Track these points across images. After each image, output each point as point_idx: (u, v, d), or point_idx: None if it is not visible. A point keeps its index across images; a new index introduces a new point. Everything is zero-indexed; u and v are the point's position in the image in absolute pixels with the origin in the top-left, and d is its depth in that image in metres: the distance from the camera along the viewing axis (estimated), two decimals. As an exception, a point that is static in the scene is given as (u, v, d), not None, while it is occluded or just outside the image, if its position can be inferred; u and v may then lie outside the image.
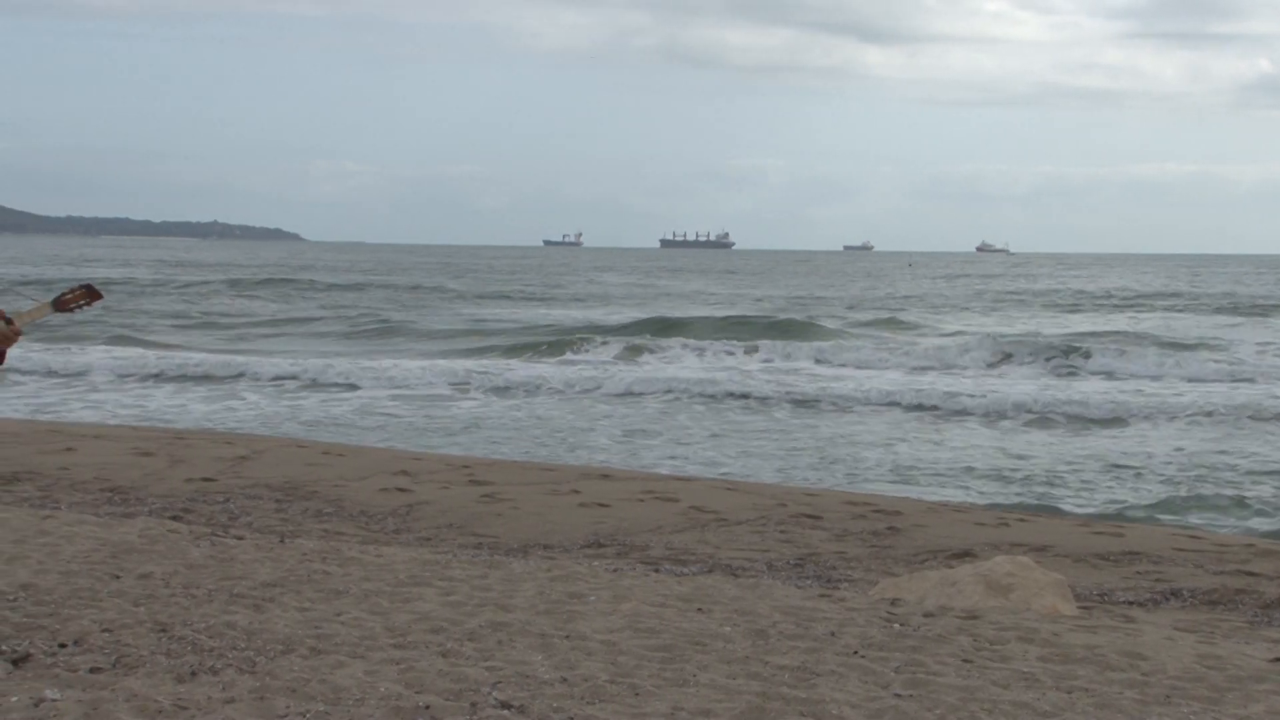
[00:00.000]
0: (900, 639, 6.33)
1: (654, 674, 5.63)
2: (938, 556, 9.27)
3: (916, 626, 6.59)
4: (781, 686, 5.50)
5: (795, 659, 5.92)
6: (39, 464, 11.79)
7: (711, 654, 5.97)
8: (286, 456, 12.86)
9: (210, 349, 30.46)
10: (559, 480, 11.98)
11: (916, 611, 6.95)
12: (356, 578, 7.32)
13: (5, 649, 5.65)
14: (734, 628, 6.48)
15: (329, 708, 5.04)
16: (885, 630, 6.50)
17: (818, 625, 6.56)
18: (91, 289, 5.95)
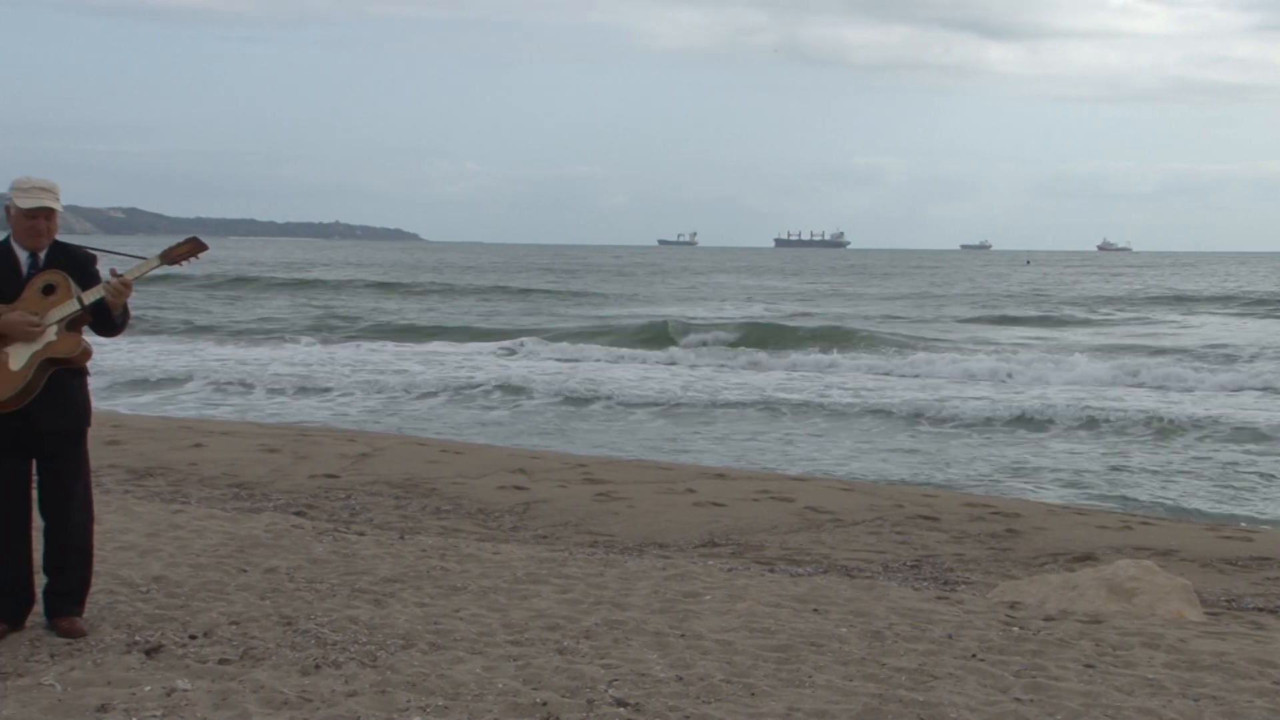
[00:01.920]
0: (1020, 643, 6.25)
1: (769, 674, 5.63)
2: (1058, 560, 9.11)
3: (1036, 630, 6.49)
4: (899, 689, 5.46)
5: (912, 661, 5.88)
6: (171, 460, 12.13)
7: (827, 655, 5.95)
8: (406, 454, 13.06)
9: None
10: (674, 479, 12.00)
11: (1036, 615, 6.85)
12: (474, 574, 7.42)
13: (139, 640, 5.84)
14: (850, 629, 6.44)
15: (448, 702, 5.12)
16: (1004, 634, 6.41)
17: (935, 628, 6.50)
18: (197, 241, 6.13)
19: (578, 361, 27.50)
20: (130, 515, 8.84)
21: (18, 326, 5.71)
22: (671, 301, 52.42)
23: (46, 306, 5.78)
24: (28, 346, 5.73)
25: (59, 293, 5.81)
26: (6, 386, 5.69)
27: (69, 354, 5.78)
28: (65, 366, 5.82)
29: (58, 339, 5.76)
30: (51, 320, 5.76)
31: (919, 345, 30.57)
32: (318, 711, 4.97)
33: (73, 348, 5.79)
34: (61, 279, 5.83)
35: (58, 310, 5.77)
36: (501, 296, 54.14)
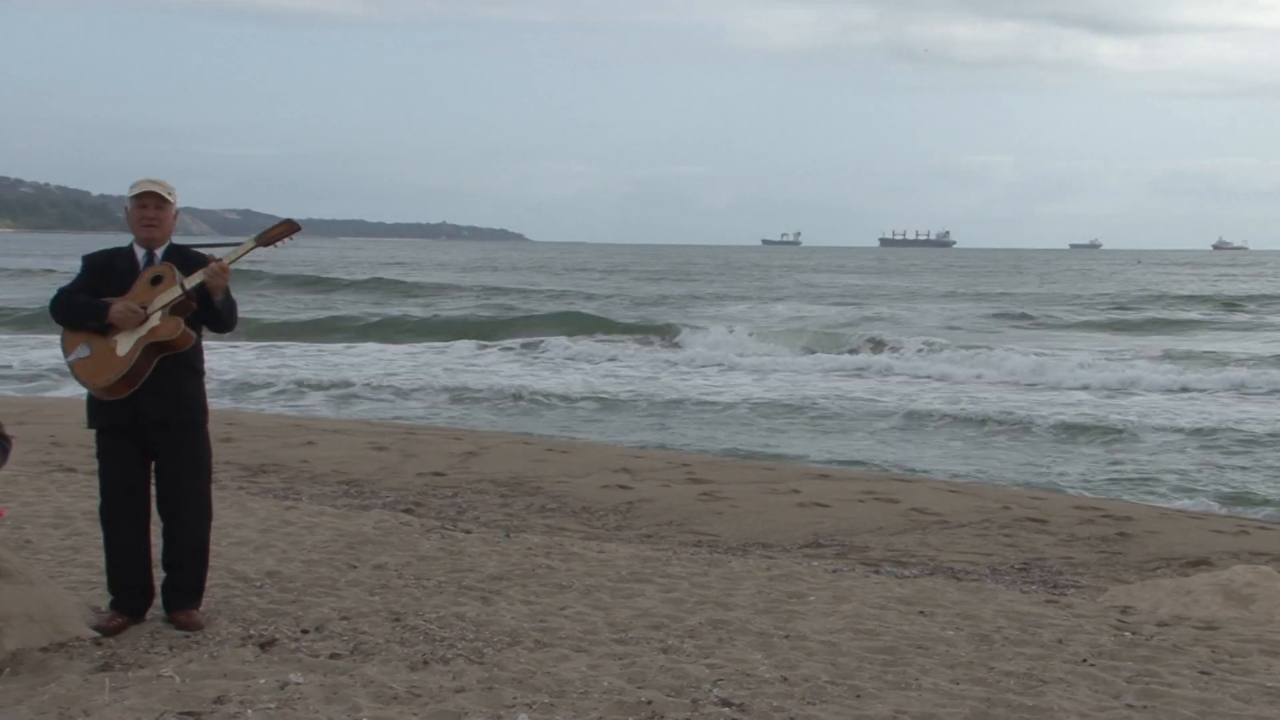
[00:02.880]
0: (1132, 648, 6.13)
1: (875, 676, 5.59)
2: (1171, 564, 8.93)
3: (1149, 636, 6.37)
4: (1007, 693, 5.40)
5: (1021, 665, 5.80)
6: (283, 457, 12.37)
7: (934, 658, 5.90)
8: (512, 453, 13.18)
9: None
10: (778, 479, 11.97)
11: (1149, 620, 6.72)
12: (579, 573, 7.47)
13: (254, 633, 5.96)
14: (957, 632, 6.38)
15: (554, 700, 5.16)
16: (1116, 639, 6.30)
17: (1044, 632, 6.41)
18: (291, 222, 6.26)
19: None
20: (244, 511, 9.04)
21: (123, 314, 5.90)
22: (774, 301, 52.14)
23: (153, 296, 5.96)
24: (133, 332, 5.91)
25: (165, 282, 5.99)
26: (111, 371, 5.88)
27: (170, 336, 5.94)
28: (169, 351, 5.97)
29: (161, 323, 5.93)
30: (155, 307, 5.94)
31: (1035, 349, 29.76)
32: (426, 706, 5.04)
33: (173, 330, 5.95)
34: (168, 269, 6.01)
35: (162, 298, 5.95)
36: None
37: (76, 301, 6.02)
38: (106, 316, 5.91)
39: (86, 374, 5.96)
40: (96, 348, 5.94)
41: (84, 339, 5.97)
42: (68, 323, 6.03)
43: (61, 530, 8.31)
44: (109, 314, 5.91)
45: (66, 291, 6.09)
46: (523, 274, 75.32)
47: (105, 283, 6.04)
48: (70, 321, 6.02)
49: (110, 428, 6.05)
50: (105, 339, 5.93)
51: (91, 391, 5.99)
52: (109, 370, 5.90)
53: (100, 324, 5.93)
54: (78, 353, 5.96)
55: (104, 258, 6.16)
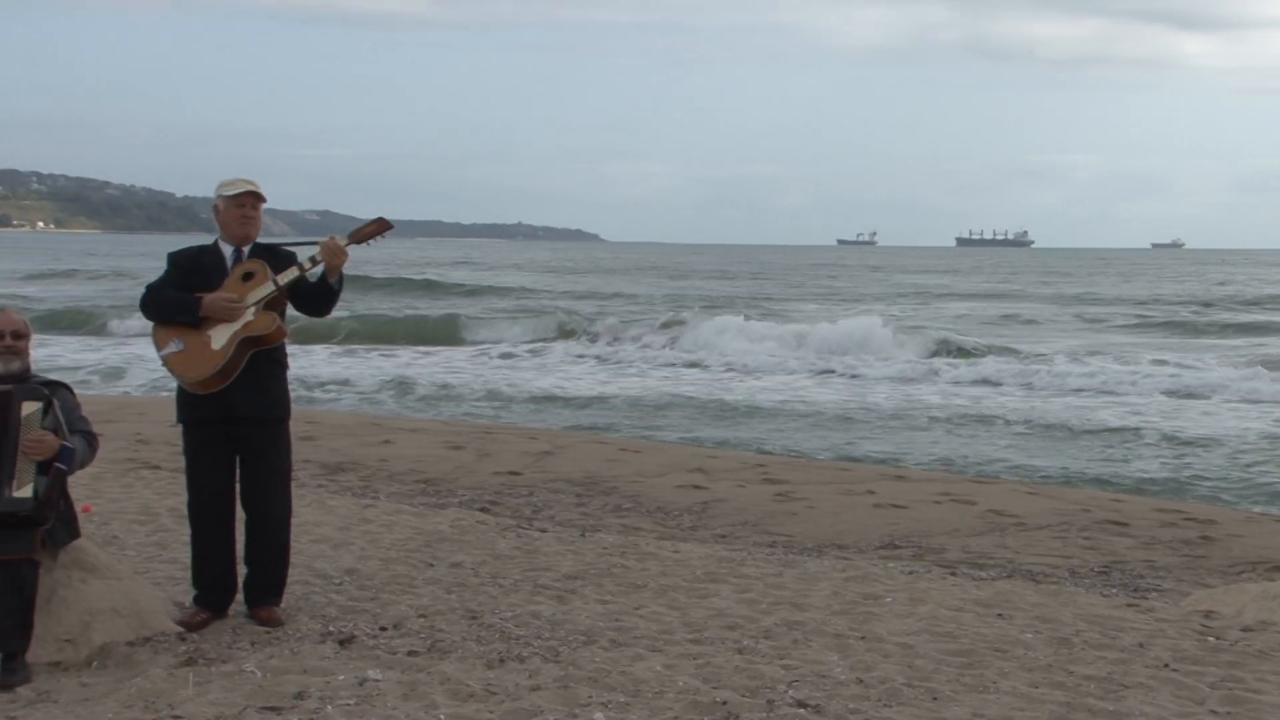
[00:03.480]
0: (1216, 653, 6.04)
1: (952, 679, 5.55)
2: (1257, 568, 8.76)
3: (1234, 641, 6.26)
4: (1087, 697, 5.33)
5: (1101, 669, 5.73)
6: (362, 456, 12.50)
7: (1012, 661, 5.84)
8: (587, 452, 13.22)
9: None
10: (854, 480, 11.91)
11: (1233, 625, 6.61)
12: (654, 573, 7.49)
13: (333, 630, 6.04)
14: (1036, 635, 6.31)
15: (629, 699, 5.18)
16: (1199, 644, 6.20)
17: (1125, 636, 6.32)
18: (383, 220, 6.35)
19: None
20: (324, 509, 9.15)
21: (218, 305, 6.01)
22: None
23: (245, 291, 6.06)
24: (228, 327, 6.01)
25: (257, 278, 6.09)
26: (207, 365, 5.99)
27: (265, 331, 6.04)
28: (263, 346, 6.07)
29: (255, 318, 6.03)
30: (249, 302, 6.04)
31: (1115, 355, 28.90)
32: (502, 704, 5.08)
33: (268, 325, 6.05)
34: (259, 266, 6.11)
35: (255, 293, 6.05)
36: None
37: (167, 296, 6.12)
38: (199, 310, 6.01)
39: (181, 368, 6.04)
40: (190, 342, 6.04)
41: (176, 334, 6.07)
42: (159, 317, 6.12)
43: (147, 526, 8.47)
44: (202, 305, 6.01)
45: (155, 287, 6.20)
46: (604, 276, 75.38)
47: (192, 280, 6.14)
48: (162, 316, 6.11)
49: (199, 423, 6.15)
50: (199, 334, 6.03)
51: (185, 385, 6.08)
52: (204, 364, 5.99)
53: (193, 318, 6.02)
54: (171, 347, 6.06)
55: (190, 255, 6.27)
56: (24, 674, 5.30)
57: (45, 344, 27.52)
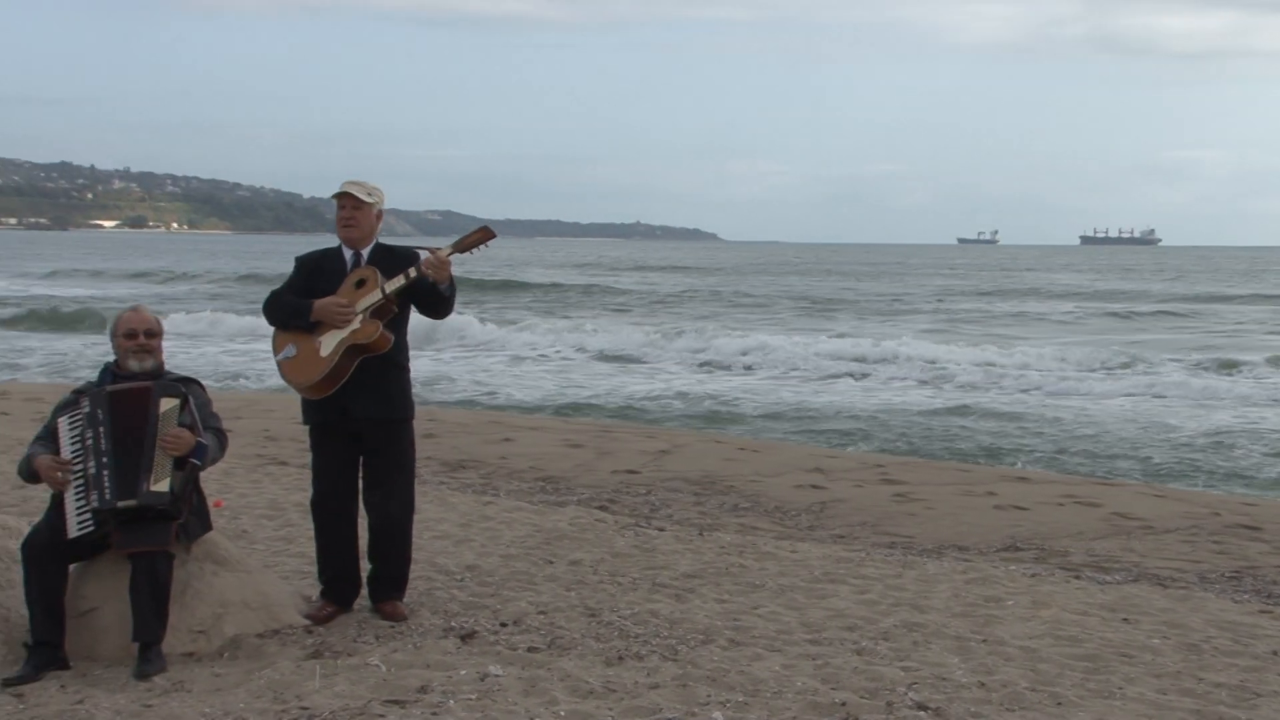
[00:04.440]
0: (1353, 663, 5.85)
1: (1077, 684, 5.46)
2: (1398, 575, 8.46)
3: (1372, 650, 6.07)
4: (1218, 705, 5.21)
5: (1233, 677, 5.59)
6: (482, 453, 12.65)
7: (1139, 666, 5.73)
8: (704, 451, 13.22)
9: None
10: (975, 481, 11.75)
11: (1372, 634, 6.40)
12: (773, 572, 7.47)
13: (455, 625, 6.14)
14: (1163, 640, 6.18)
15: (748, 698, 5.18)
16: (1336, 653, 6.02)
17: (1258, 643, 6.16)
18: (487, 229, 6.43)
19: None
20: (445, 506, 9.29)
21: (328, 311, 6.14)
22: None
23: (357, 298, 6.18)
24: (336, 334, 6.15)
25: (368, 285, 6.21)
26: (314, 372, 6.14)
27: (369, 339, 6.17)
28: (369, 353, 6.19)
29: (361, 326, 6.15)
30: (359, 309, 6.16)
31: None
32: (621, 702, 5.11)
33: (372, 333, 6.17)
34: (371, 273, 6.23)
35: (364, 300, 6.17)
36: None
37: (284, 302, 6.30)
38: (311, 315, 6.16)
39: (292, 373, 6.22)
40: (302, 348, 6.20)
41: (291, 339, 6.24)
42: (276, 322, 6.31)
43: (275, 521, 8.68)
44: (314, 310, 6.15)
45: (277, 293, 6.38)
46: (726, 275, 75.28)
47: (315, 283, 6.29)
48: (278, 321, 6.30)
49: (322, 423, 6.30)
50: (311, 340, 6.18)
51: (296, 390, 6.26)
52: (313, 370, 6.15)
53: (305, 322, 6.18)
54: (285, 353, 6.24)
55: (314, 259, 6.43)
56: (160, 664, 5.47)
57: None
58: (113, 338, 5.95)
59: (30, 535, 5.71)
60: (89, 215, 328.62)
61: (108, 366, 5.96)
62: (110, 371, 5.92)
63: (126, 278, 63.85)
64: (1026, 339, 32.50)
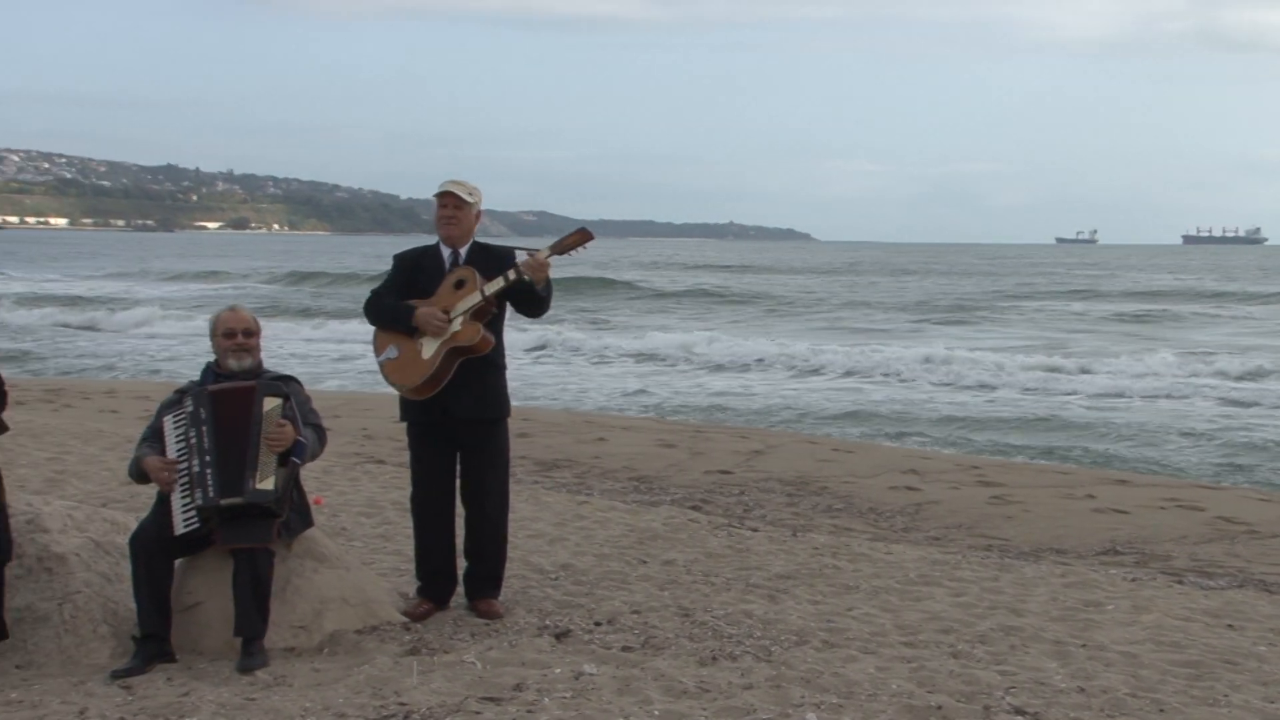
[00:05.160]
0: None
1: (1180, 691, 5.36)
2: None
3: None
4: (1325, 715, 5.09)
5: (1341, 686, 5.45)
6: (576, 452, 12.72)
7: (1245, 674, 5.61)
8: (798, 451, 13.18)
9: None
10: (1073, 484, 11.57)
11: None
12: (866, 574, 7.43)
13: (549, 624, 6.18)
14: (1270, 648, 6.05)
15: (842, 700, 5.16)
16: None
17: (1369, 652, 6.00)
18: (585, 231, 6.46)
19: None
20: (540, 505, 9.36)
21: (426, 320, 6.22)
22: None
23: (456, 300, 6.25)
24: (437, 336, 6.21)
25: (467, 287, 6.27)
26: (416, 374, 6.22)
27: (470, 342, 6.23)
28: (470, 355, 6.26)
29: (460, 329, 6.22)
30: (457, 312, 6.22)
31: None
32: (715, 702, 5.11)
33: (472, 336, 6.23)
34: (470, 273, 6.29)
35: (463, 303, 6.24)
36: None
37: (385, 304, 6.38)
38: (412, 320, 6.25)
39: (394, 375, 6.30)
40: (404, 350, 6.28)
41: (392, 340, 6.32)
42: (378, 323, 6.40)
43: (373, 519, 8.80)
44: (414, 317, 6.24)
45: (377, 294, 6.46)
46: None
47: (414, 281, 6.37)
48: (379, 322, 6.39)
49: (421, 423, 6.38)
50: (412, 341, 6.27)
51: (398, 391, 6.35)
52: (415, 372, 6.23)
53: (406, 326, 6.26)
54: (387, 354, 6.32)
55: (413, 257, 6.51)
56: (262, 659, 5.57)
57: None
58: (212, 337, 6.07)
59: (137, 531, 5.85)
60: (193, 217, 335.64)
61: (209, 366, 6.08)
62: (211, 370, 6.04)
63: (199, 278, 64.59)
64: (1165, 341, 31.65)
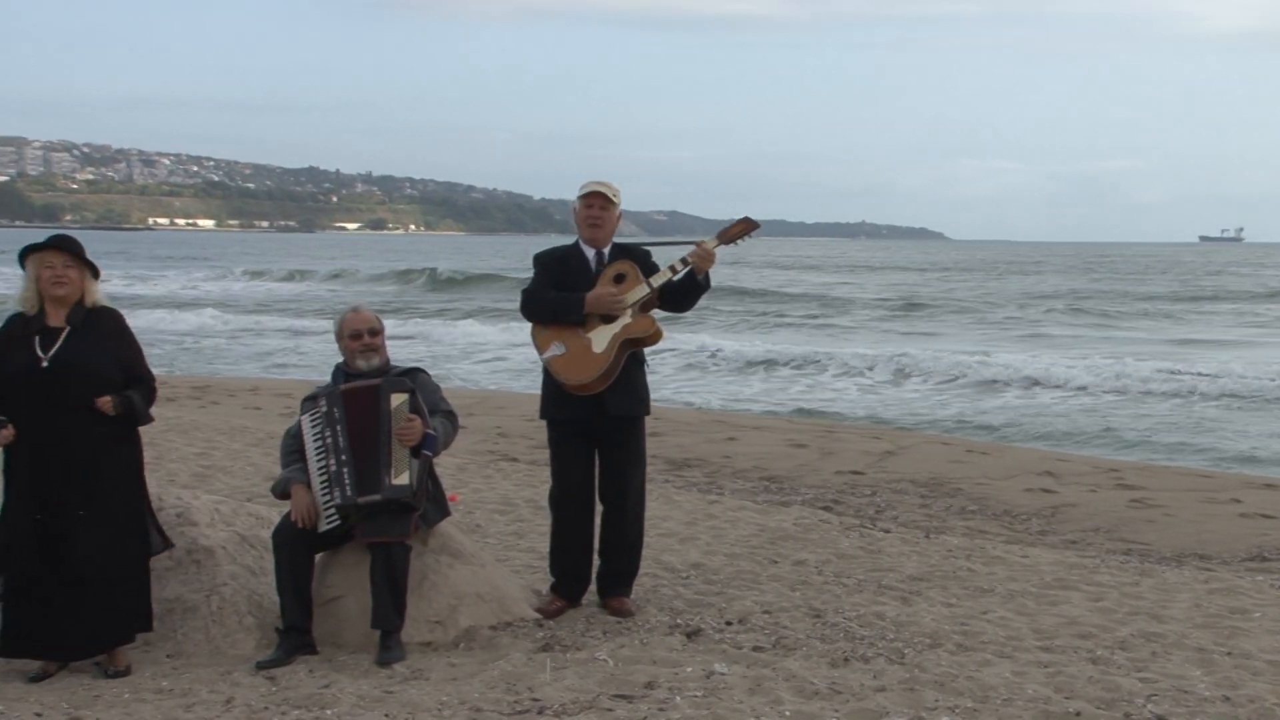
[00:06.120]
0: None
1: (1330, 703, 5.19)
2: None
3: None
4: None
5: None
6: (706, 452, 12.73)
7: (1399, 687, 5.41)
8: (931, 453, 13.03)
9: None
10: (1217, 488, 11.25)
11: None
12: (1001, 577, 7.32)
13: (680, 623, 6.21)
14: None
15: (977, 705, 5.10)
16: None
17: None
18: (749, 220, 6.45)
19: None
20: (670, 504, 9.39)
21: (602, 300, 6.24)
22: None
23: (621, 293, 6.28)
24: (608, 329, 6.23)
25: (629, 280, 6.30)
26: (591, 368, 6.22)
27: (645, 333, 6.27)
28: (641, 347, 6.30)
29: (633, 320, 6.25)
30: (628, 302, 6.26)
31: None
32: (847, 704, 5.09)
33: (648, 327, 6.27)
34: (630, 267, 6.33)
35: (631, 294, 6.27)
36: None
37: (550, 297, 6.36)
38: (583, 308, 6.26)
39: (564, 371, 6.28)
40: (571, 345, 6.28)
41: (556, 337, 6.31)
42: (541, 319, 6.37)
43: (506, 516, 8.92)
44: (586, 302, 6.26)
45: (534, 291, 6.47)
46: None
47: (559, 280, 6.40)
48: (546, 317, 6.35)
49: (567, 420, 6.41)
50: (579, 337, 6.26)
51: (568, 388, 6.29)
52: (588, 367, 6.23)
53: (578, 316, 6.26)
54: (553, 350, 6.31)
55: (556, 256, 6.55)
56: (399, 652, 5.69)
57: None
58: (338, 340, 6.20)
59: (280, 525, 6.01)
60: (334, 218, 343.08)
61: (339, 367, 6.21)
62: (342, 371, 6.18)
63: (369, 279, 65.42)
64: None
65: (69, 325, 5.60)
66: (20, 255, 5.67)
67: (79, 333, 5.60)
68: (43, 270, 5.62)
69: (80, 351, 5.56)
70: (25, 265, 5.66)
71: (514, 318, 6.80)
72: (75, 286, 5.63)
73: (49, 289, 5.61)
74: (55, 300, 5.62)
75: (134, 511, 5.71)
